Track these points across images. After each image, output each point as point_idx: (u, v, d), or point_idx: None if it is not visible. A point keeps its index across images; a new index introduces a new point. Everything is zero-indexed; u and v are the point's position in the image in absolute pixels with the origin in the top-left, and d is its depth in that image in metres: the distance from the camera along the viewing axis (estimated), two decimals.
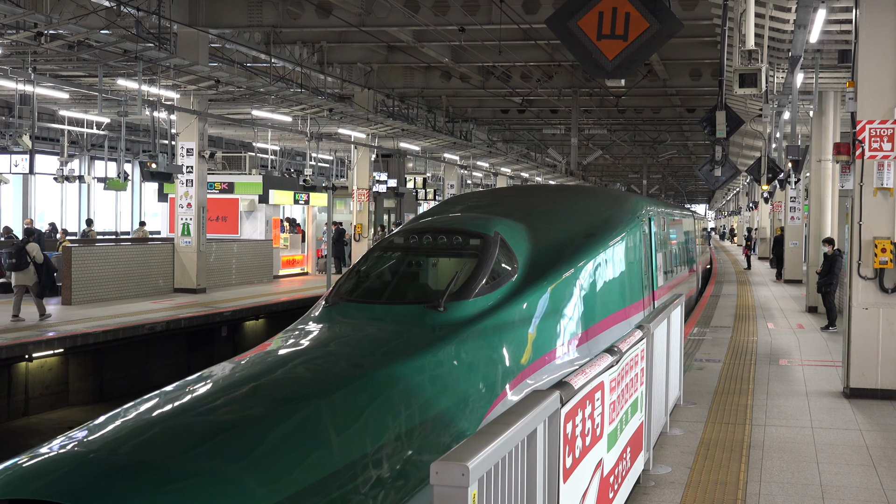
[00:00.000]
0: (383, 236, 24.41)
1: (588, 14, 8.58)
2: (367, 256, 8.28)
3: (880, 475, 6.94)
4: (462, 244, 7.85)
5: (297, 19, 20.07)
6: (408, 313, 7.18)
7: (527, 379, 7.10)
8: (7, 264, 15.83)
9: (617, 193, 13.22)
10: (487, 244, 7.79)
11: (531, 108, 33.72)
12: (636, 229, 10.50)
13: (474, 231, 7.99)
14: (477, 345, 6.90)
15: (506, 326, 7.25)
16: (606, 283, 9.06)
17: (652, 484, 6.57)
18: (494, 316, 7.22)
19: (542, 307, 7.74)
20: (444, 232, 8.08)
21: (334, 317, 7.40)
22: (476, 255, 7.68)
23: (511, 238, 8.19)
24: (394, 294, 7.66)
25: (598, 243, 9.04)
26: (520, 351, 7.28)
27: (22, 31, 15.73)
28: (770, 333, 15.32)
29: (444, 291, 7.22)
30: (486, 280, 7.45)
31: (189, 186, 21.86)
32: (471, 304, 7.20)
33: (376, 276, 7.99)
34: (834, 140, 19.34)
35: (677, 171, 66.93)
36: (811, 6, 10.96)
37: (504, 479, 3.36)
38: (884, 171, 9.61)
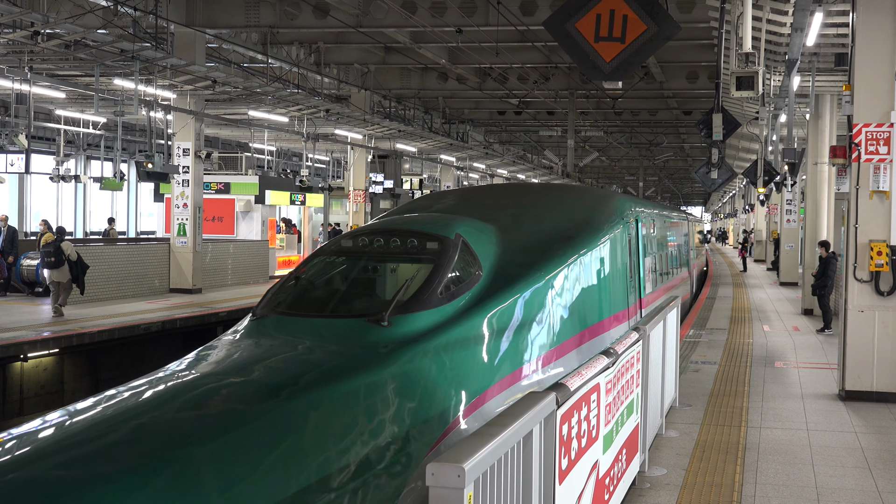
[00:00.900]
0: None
1: (585, 16, 8.58)
2: (309, 261, 7.42)
3: (875, 477, 6.95)
4: (417, 248, 7.03)
5: (294, 20, 20.06)
6: (345, 329, 6.25)
7: (484, 405, 6.19)
8: (46, 262, 16.50)
9: (601, 192, 12.36)
10: (446, 248, 6.96)
11: (528, 110, 33.74)
12: (620, 231, 9.77)
13: (432, 233, 7.15)
14: (424, 366, 5.98)
15: (462, 343, 6.38)
16: (585, 292, 8.29)
17: (647, 486, 6.58)
18: (449, 331, 6.35)
19: (508, 320, 6.90)
20: (397, 234, 7.20)
21: (259, 332, 6.43)
22: (432, 261, 6.84)
23: (476, 241, 7.40)
24: (332, 306, 6.75)
25: (576, 247, 8.30)
26: (478, 372, 6.38)
27: (18, 30, 15.71)
28: (766, 336, 15.34)
29: (389, 303, 6.33)
30: (442, 289, 6.60)
31: (185, 187, 21.84)
32: (421, 318, 6.32)
33: (316, 284, 7.10)
34: (830, 143, 19.39)
35: (674, 173, 67.01)
36: (808, 9, 10.98)
37: (500, 480, 3.36)
38: (880, 175, 9.62)
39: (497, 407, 6.26)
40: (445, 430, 5.72)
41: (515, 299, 7.04)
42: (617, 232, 9.54)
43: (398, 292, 6.43)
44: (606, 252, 9.03)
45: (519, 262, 7.49)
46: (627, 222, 10.28)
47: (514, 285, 7.10)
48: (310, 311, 6.62)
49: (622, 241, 9.76)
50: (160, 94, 20.72)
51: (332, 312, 6.58)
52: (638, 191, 59.26)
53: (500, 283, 7.05)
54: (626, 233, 10.01)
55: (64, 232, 17.81)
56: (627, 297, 9.86)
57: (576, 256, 8.14)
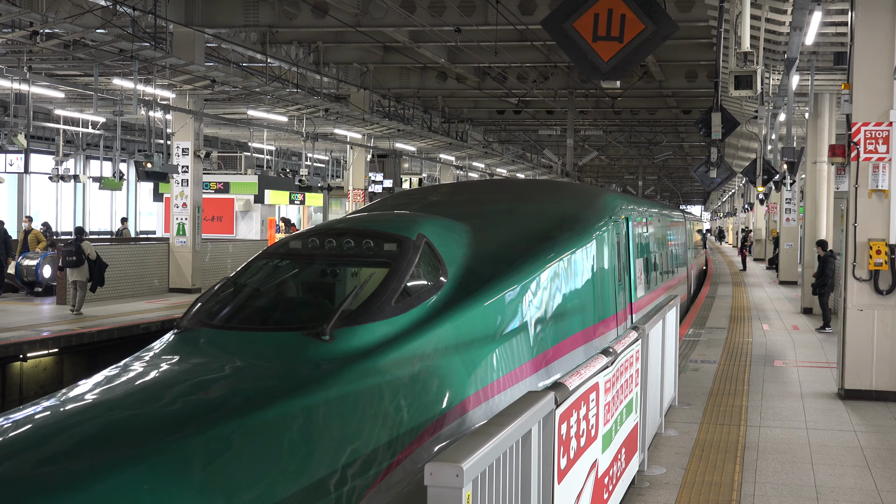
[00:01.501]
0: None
1: (584, 16, 8.59)
2: (250, 265, 6.58)
3: (874, 476, 6.95)
4: (373, 250, 6.26)
5: (293, 19, 20.06)
6: (279, 344, 5.45)
7: (442, 430, 5.48)
8: (67, 262, 16.89)
9: (588, 189, 11.55)
10: (405, 250, 6.23)
11: (527, 109, 33.74)
12: (609, 231, 9.24)
13: (390, 233, 6.42)
14: (368, 388, 5.19)
15: (417, 360, 5.63)
16: (566, 298, 7.70)
17: (647, 485, 6.58)
18: (403, 346, 5.60)
19: (475, 332, 6.19)
20: (352, 234, 6.42)
21: (176, 349, 5.64)
22: (388, 265, 6.11)
23: (442, 242, 6.73)
24: (268, 317, 5.97)
25: (557, 248, 7.71)
26: (435, 394, 5.61)
27: (18, 30, 15.71)
28: (765, 335, 15.34)
29: (333, 313, 5.55)
30: (397, 297, 5.86)
31: (184, 186, 21.84)
32: (370, 331, 5.57)
33: (253, 291, 6.26)
34: (829, 142, 19.39)
35: (673, 172, 67.01)
36: (807, 8, 10.98)
37: (498, 480, 3.36)
38: (879, 173, 9.63)
39: (459, 431, 5.60)
40: (390, 464, 4.94)
41: (483, 308, 6.37)
42: (604, 231, 9.04)
43: (344, 301, 5.67)
44: (591, 253, 8.51)
45: (491, 266, 6.86)
46: (616, 221, 9.80)
47: (483, 292, 6.45)
48: (242, 324, 5.81)
49: (610, 241, 9.24)
50: (159, 93, 20.72)
51: (266, 325, 5.80)
52: (637, 190, 59.26)
53: (468, 290, 6.39)
54: (614, 232, 9.51)
55: (83, 232, 18.06)
56: (616, 302, 9.36)
57: (556, 259, 7.58)
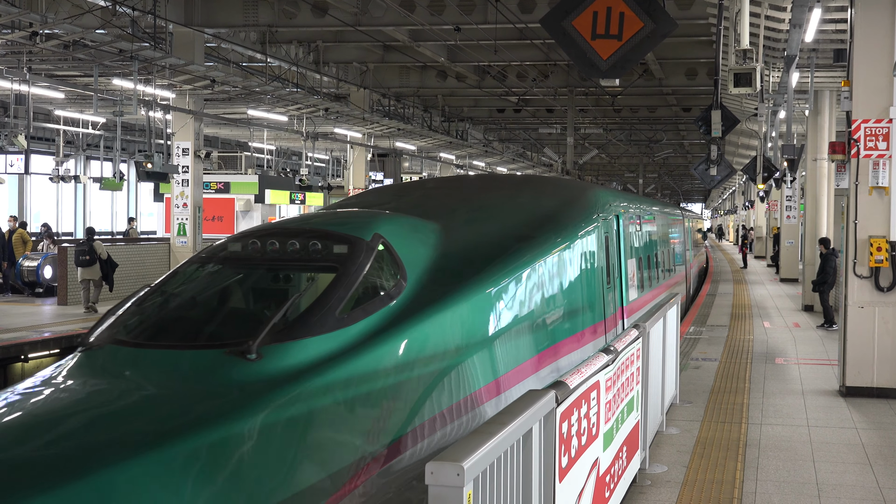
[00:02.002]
0: None
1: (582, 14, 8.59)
2: (178, 272, 5.84)
3: (876, 473, 6.95)
4: (321, 252, 5.54)
5: (292, 19, 20.06)
6: (197, 365, 4.73)
7: (389, 464, 4.80)
8: (79, 261, 17.31)
9: (575, 184, 10.80)
10: (356, 252, 5.52)
11: (527, 108, 33.73)
12: (596, 229, 8.68)
13: (341, 233, 5.72)
14: (298, 417, 4.48)
15: (362, 381, 4.91)
16: (545, 304, 7.08)
17: (648, 483, 6.58)
18: (346, 364, 4.87)
19: (434, 346, 5.48)
20: (298, 235, 5.66)
21: (80, 371, 4.86)
22: (336, 269, 5.40)
23: (404, 243, 6.05)
24: (189, 332, 5.15)
25: (535, 249, 7.07)
26: (384, 421, 4.94)
27: (17, 31, 15.72)
28: (766, 332, 15.34)
29: (263, 327, 4.83)
30: (343, 307, 5.15)
31: (185, 186, 21.85)
32: (307, 347, 4.86)
33: (176, 301, 5.48)
34: (829, 139, 19.39)
35: (673, 170, 66.99)
36: (806, 5, 10.97)
37: (500, 478, 3.36)
38: (879, 170, 9.62)
39: (410, 462, 4.94)
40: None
41: (445, 318, 5.64)
42: (590, 230, 8.49)
43: (277, 313, 4.95)
44: (575, 254, 7.94)
45: (460, 269, 6.20)
46: (606, 219, 9.26)
47: (447, 299, 5.74)
48: (156, 340, 5.04)
49: (597, 240, 8.70)
50: (159, 93, 20.72)
51: (185, 341, 5.00)
52: (638, 188, 59.24)
53: (431, 297, 5.69)
54: (603, 231, 8.99)
55: (94, 232, 18.47)
56: (604, 307, 8.81)
57: (533, 261, 6.93)
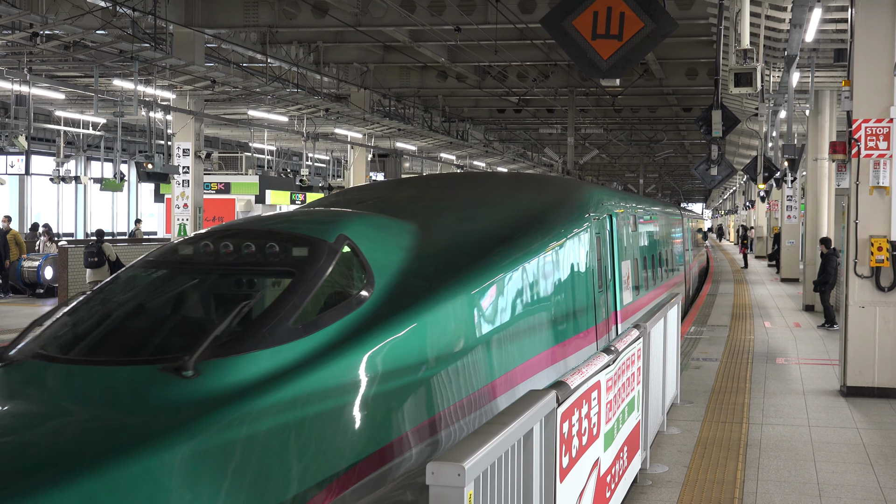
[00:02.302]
0: None
1: (583, 14, 8.60)
2: (119, 276, 5.33)
3: (877, 473, 6.95)
4: (278, 255, 5.04)
5: (293, 19, 20.06)
6: (127, 383, 4.20)
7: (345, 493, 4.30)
8: (88, 262, 17.54)
9: (566, 183, 10.31)
10: (316, 255, 5.05)
11: (527, 108, 33.72)
12: (587, 230, 8.23)
13: (301, 235, 5.26)
14: (238, 443, 3.94)
15: (316, 399, 4.36)
16: (528, 311, 6.56)
17: (649, 483, 6.57)
18: (297, 381, 4.31)
19: (398, 360, 4.93)
20: (254, 236, 5.19)
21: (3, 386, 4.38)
22: (293, 274, 4.91)
23: (374, 245, 5.57)
24: (120, 345, 4.59)
25: (520, 250, 6.58)
26: (336, 446, 4.36)
27: (18, 32, 15.72)
28: (767, 332, 15.34)
29: (203, 340, 4.30)
30: (298, 316, 4.63)
31: (185, 187, 21.85)
32: (252, 362, 4.31)
33: (113, 311, 4.90)
34: (830, 139, 19.39)
35: (674, 170, 66.99)
36: (807, 5, 10.97)
37: (500, 478, 3.36)
38: (880, 170, 9.62)
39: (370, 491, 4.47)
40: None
41: (415, 328, 5.12)
42: (580, 230, 8.06)
43: (220, 323, 4.42)
44: (564, 256, 7.50)
45: (435, 274, 5.71)
46: (598, 219, 8.82)
47: (416, 307, 5.22)
48: (86, 355, 4.48)
49: (588, 241, 8.26)
50: (159, 94, 20.73)
51: (115, 357, 4.45)
52: (638, 188, 59.25)
53: (399, 305, 5.18)
54: (594, 232, 8.55)
55: (103, 234, 18.59)
56: (595, 313, 8.34)
57: (517, 264, 6.45)
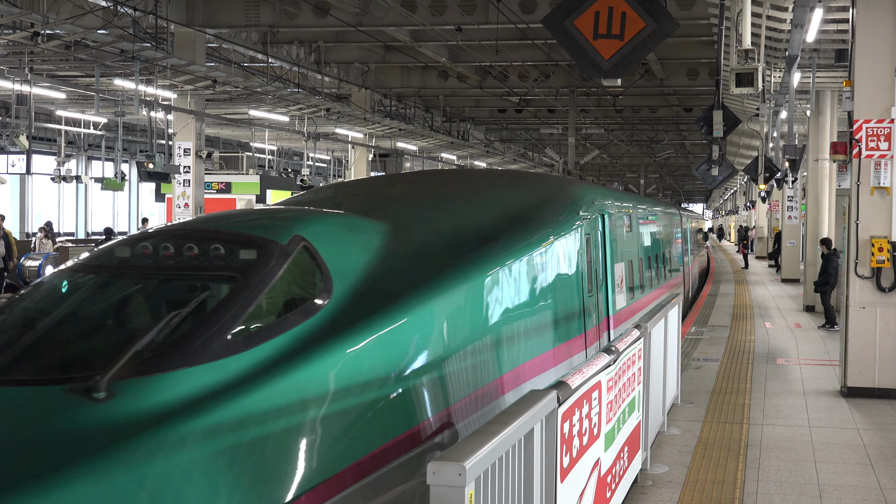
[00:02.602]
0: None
1: (584, 14, 8.60)
2: (43, 283, 4.80)
3: (878, 474, 6.95)
4: (223, 258, 4.51)
5: (294, 19, 20.07)
6: (30, 405, 3.68)
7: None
8: None
9: (555, 180, 9.65)
10: (265, 258, 4.52)
11: (528, 108, 33.73)
12: (576, 230, 7.73)
13: (251, 236, 4.74)
14: (156, 477, 3.42)
15: (253, 423, 3.78)
16: (507, 319, 5.96)
17: (649, 483, 6.57)
18: (232, 402, 3.75)
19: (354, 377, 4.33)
20: (198, 237, 4.65)
21: None
22: (235, 279, 4.39)
23: (336, 247, 5.06)
24: (30, 361, 4.02)
25: (499, 252, 6.03)
26: (275, 478, 3.78)
27: (19, 31, 15.73)
28: (767, 332, 15.34)
29: (120, 356, 3.79)
30: (237, 328, 4.09)
31: (186, 186, 21.86)
32: (178, 381, 3.78)
33: (28, 321, 4.39)
34: (831, 139, 19.38)
35: (675, 170, 67.00)
36: (808, 6, 10.97)
37: (501, 478, 3.36)
38: (881, 170, 9.62)
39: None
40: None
41: (376, 339, 4.54)
42: (568, 231, 7.53)
43: (141, 337, 3.92)
44: (550, 258, 6.95)
45: (404, 278, 5.17)
46: (589, 218, 8.34)
47: (380, 315, 4.67)
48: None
49: (577, 242, 7.75)
50: (160, 94, 20.74)
51: (19, 375, 3.89)
52: (639, 188, 59.24)
53: (360, 314, 4.62)
54: (584, 232, 8.03)
55: (112, 232, 18.33)
56: (584, 319, 7.82)
57: (497, 267, 5.89)
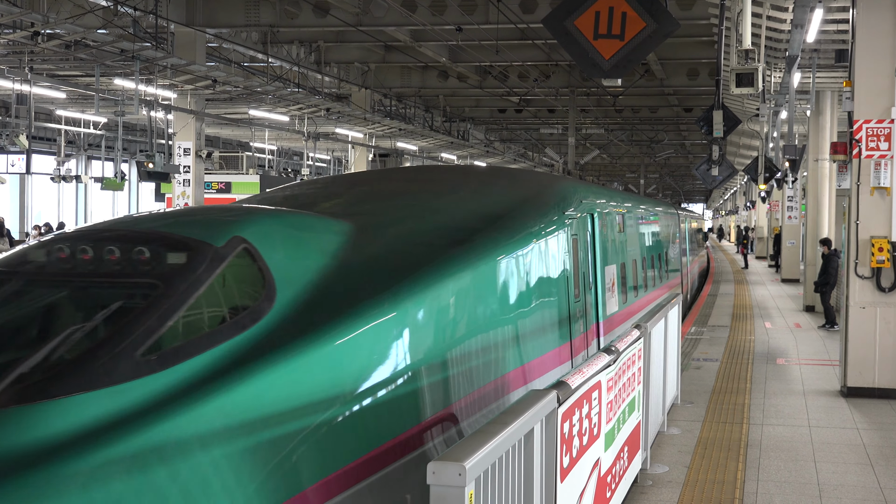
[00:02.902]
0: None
1: (585, 14, 8.60)
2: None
3: (877, 474, 6.95)
4: (146, 263, 4.02)
5: (294, 19, 20.06)
6: None
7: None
8: None
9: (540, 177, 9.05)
10: (194, 263, 4.02)
11: (528, 108, 33.71)
12: (561, 230, 7.19)
13: (181, 237, 4.20)
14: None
15: (169, 456, 3.27)
16: (479, 328, 5.39)
17: (649, 483, 6.58)
18: (142, 432, 3.28)
19: (299, 398, 3.81)
20: (121, 239, 4.14)
21: None
22: (156, 287, 3.88)
23: (284, 249, 4.54)
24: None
25: (472, 255, 5.47)
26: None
27: (19, 31, 15.73)
28: (767, 332, 15.34)
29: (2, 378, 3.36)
30: (151, 343, 3.60)
31: (186, 186, 21.86)
32: (72, 408, 3.28)
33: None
34: (831, 139, 19.38)
35: (675, 170, 66.98)
36: (808, 6, 10.97)
37: (501, 478, 3.36)
38: (881, 171, 9.62)
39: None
40: None
41: (322, 356, 4.02)
42: (553, 232, 6.98)
43: (34, 355, 3.49)
44: (531, 261, 6.39)
45: (361, 285, 4.63)
46: (576, 218, 7.82)
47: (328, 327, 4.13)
48: None
49: (562, 244, 7.18)
50: (160, 93, 20.73)
51: None
52: (639, 188, 59.23)
53: (305, 326, 4.10)
54: (570, 233, 7.48)
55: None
56: (570, 327, 7.24)
57: (468, 272, 5.32)
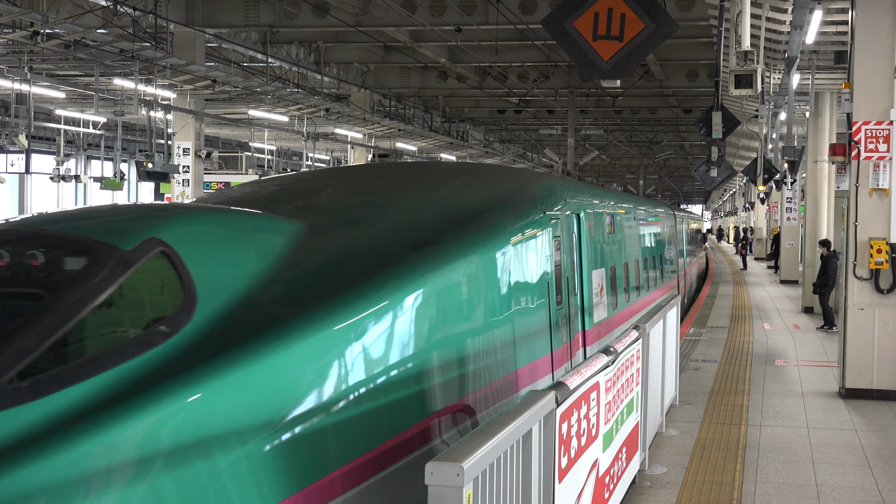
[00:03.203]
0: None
1: (584, 15, 8.59)
2: None
3: (875, 475, 6.95)
4: (42, 268, 3.72)
5: (293, 19, 20.07)
6: None
7: None
8: None
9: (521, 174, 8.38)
10: (95, 268, 3.62)
11: (528, 109, 33.72)
12: (540, 232, 6.70)
13: (86, 239, 3.81)
14: None
15: (50, 499, 2.84)
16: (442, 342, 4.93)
17: (648, 484, 6.58)
18: (13, 471, 2.83)
19: (218, 426, 3.39)
20: (17, 242, 3.81)
21: None
22: (40, 298, 3.49)
23: (210, 253, 4.16)
24: None
25: (436, 259, 5.02)
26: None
27: (18, 31, 15.73)
28: (766, 334, 15.34)
29: None
30: (31, 364, 3.20)
31: (185, 186, 21.86)
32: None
33: None
34: (830, 141, 19.40)
35: (674, 171, 67.00)
36: (807, 7, 10.99)
37: (499, 479, 3.36)
38: (879, 172, 9.63)
39: None
40: None
41: (248, 375, 3.59)
42: (532, 233, 6.52)
43: None
44: (506, 266, 5.94)
45: (304, 293, 4.25)
46: (560, 219, 7.35)
47: (256, 343, 3.71)
48: None
49: (542, 247, 6.73)
50: (160, 93, 20.73)
51: None
52: (638, 189, 59.24)
53: (228, 342, 3.69)
54: (552, 234, 7.02)
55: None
56: (551, 336, 6.81)
57: (432, 278, 4.87)
